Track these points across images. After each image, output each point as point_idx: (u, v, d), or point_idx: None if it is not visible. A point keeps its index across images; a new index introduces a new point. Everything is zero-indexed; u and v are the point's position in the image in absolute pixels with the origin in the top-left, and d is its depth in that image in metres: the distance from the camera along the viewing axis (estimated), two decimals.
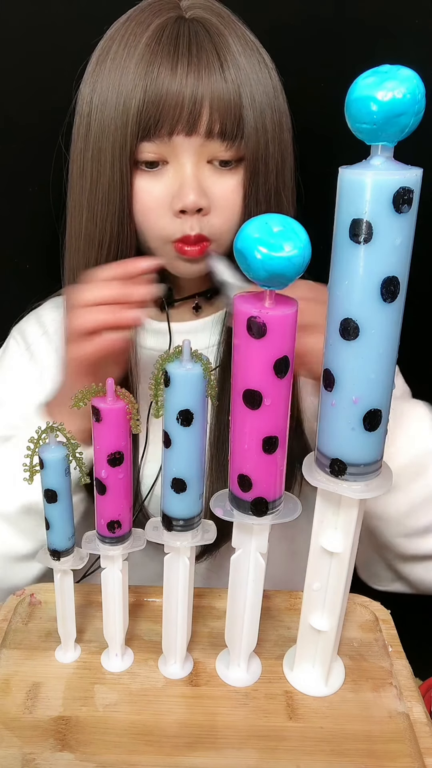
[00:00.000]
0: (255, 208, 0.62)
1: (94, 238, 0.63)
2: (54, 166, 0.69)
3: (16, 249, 0.90)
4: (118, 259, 0.63)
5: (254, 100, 0.59)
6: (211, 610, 0.58)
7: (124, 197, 0.61)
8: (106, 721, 0.48)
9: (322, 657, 0.50)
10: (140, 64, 0.57)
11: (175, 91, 0.56)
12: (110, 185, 0.60)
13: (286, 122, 0.63)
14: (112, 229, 0.62)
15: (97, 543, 0.49)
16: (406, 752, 0.46)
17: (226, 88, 0.57)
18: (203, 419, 0.43)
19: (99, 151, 0.60)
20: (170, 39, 0.58)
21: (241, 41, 0.60)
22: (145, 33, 0.58)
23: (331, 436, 0.42)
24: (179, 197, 0.59)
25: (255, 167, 0.61)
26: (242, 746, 0.46)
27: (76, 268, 0.65)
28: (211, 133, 0.58)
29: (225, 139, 0.59)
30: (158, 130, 0.58)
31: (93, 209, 0.62)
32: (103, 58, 0.60)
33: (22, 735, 0.46)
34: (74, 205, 0.64)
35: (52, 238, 0.71)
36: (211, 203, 0.60)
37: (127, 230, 0.62)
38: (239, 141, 0.59)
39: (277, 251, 0.35)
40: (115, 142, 0.59)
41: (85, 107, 0.61)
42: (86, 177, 0.62)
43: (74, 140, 0.63)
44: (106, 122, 0.59)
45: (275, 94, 0.61)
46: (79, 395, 0.45)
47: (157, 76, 0.57)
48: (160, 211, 0.61)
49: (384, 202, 0.35)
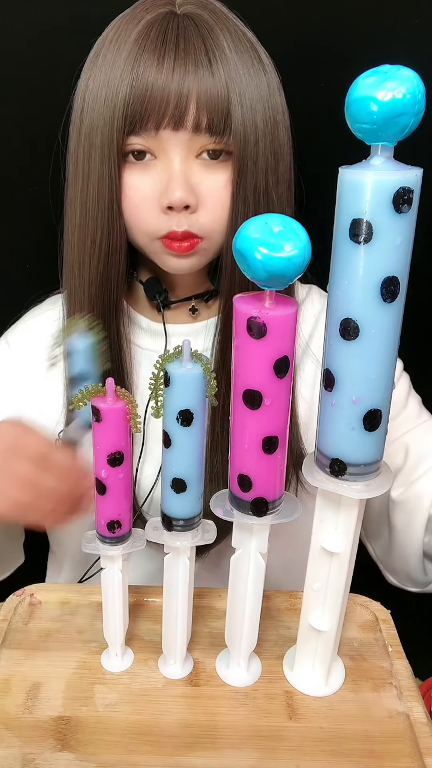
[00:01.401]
0: (242, 206, 0.61)
1: (86, 235, 0.63)
2: (53, 166, 0.69)
3: (16, 249, 0.90)
4: (110, 257, 0.63)
5: (244, 96, 0.58)
6: (211, 610, 0.58)
7: (113, 193, 0.61)
8: (106, 721, 0.48)
9: (322, 657, 0.50)
10: (128, 59, 0.57)
11: (160, 85, 0.56)
12: (100, 181, 0.60)
13: (282, 120, 0.62)
14: (103, 225, 0.62)
15: (97, 543, 0.49)
16: (406, 752, 0.46)
17: (213, 83, 0.57)
18: (203, 419, 0.43)
19: (90, 147, 0.60)
20: (158, 34, 0.57)
21: (233, 37, 0.59)
22: (135, 29, 0.58)
23: (331, 436, 0.42)
24: (166, 194, 0.59)
25: (243, 164, 0.60)
26: (242, 746, 0.46)
27: (73, 266, 0.65)
28: (199, 128, 0.58)
29: (213, 134, 0.58)
30: (144, 124, 0.58)
31: (85, 207, 0.62)
32: (96, 54, 0.61)
33: (22, 735, 0.46)
34: (70, 201, 0.64)
35: (51, 238, 0.71)
36: (199, 200, 0.60)
37: (117, 226, 0.62)
38: (227, 136, 0.59)
39: (277, 251, 0.35)
40: (104, 137, 0.59)
41: (79, 103, 0.62)
42: (79, 174, 0.62)
43: (70, 137, 0.63)
44: (96, 118, 0.59)
45: (270, 92, 0.61)
46: (79, 395, 0.45)
47: (143, 70, 0.56)
48: (149, 207, 0.61)
49: (384, 202, 0.35)
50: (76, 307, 0.66)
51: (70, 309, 0.67)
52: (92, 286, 0.64)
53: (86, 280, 0.64)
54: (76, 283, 0.65)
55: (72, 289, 0.66)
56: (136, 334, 0.71)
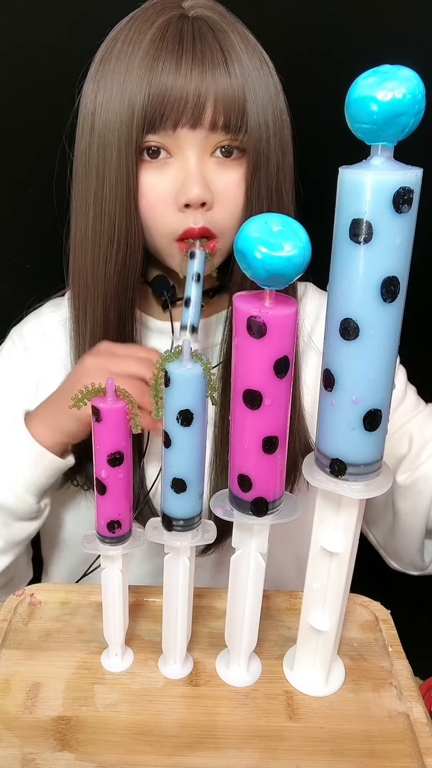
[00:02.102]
0: (257, 201, 0.63)
1: (102, 235, 0.63)
2: (56, 167, 0.69)
3: (16, 249, 0.90)
4: (128, 257, 0.63)
5: (257, 96, 0.60)
6: (211, 610, 0.58)
7: (131, 191, 0.61)
8: (106, 721, 0.48)
9: (322, 657, 0.50)
10: (145, 60, 0.58)
11: (179, 85, 0.57)
12: (117, 180, 0.61)
13: (286, 120, 0.64)
14: (120, 224, 0.62)
15: (97, 543, 0.49)
16: (406, 752, 0.46)
17: (230, 83, 0.59)
18: (203, 419, 0.43)
19: (104, 148, 0.61)
20: (174, 35, 0.59)
21: (243, 40, 0.61)
22: (149, 30, 0.59)
23: (331, 436, 0.42)
24: (183, 191, 0.60)
25: (257, 161, 0.61)
26: (242, 746, 0.46)
27: (83, 267, 0.65)
28: (215, 126, 0.59)
29: (229, 132, 0.60)
30: (163, 123, 0.59)
31: (100, 206, 0.62)
32: (107, 57, 0.61)
33: (22, 735, 0.46)
34: (79, 203, 0.64)
35: (52, 238, 0.71)
36: (215, 197, 0.61)
37: (134, 226, 0.62)
38: (243, 134, 0.60)
39: (277, 251, 0.35)
40: (121, 137, 0.60)
41: (89, 105, 0.62)
42: (92, 174, 0.62)
43: (78, 139, 0.64)
44: (111, 118, 0.60)
45: (276, 93, 0.62)
46: (79, 395, 0.45)
47: (161, 71, 0.58)
48: (166, 206, 0.61)
49: (384, 202, 0.35)
50: (88, 307, 0.66)
51: (79, 310, 0.67)
52: (108, 286, 0.64)
53: (100, 281, 0.64)
54: (89, 283, 0.65)
55: (83, 289, 0.66)
56: (144, 335, 0.72)
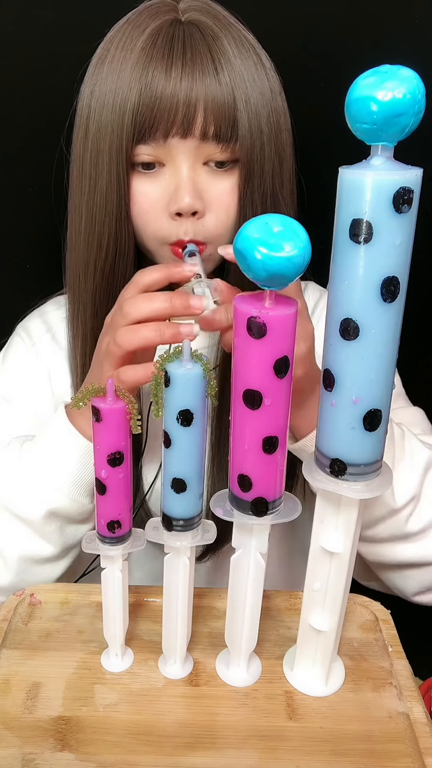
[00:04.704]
0: (250, 209, 0.62)
1: (93, 239, 0.63)
2: (55, 167, 0.69)
3: (16, 249, 0.91)
4: (117, 261, 0.64)
5: (249, 102, 0.59)
6: (211, 610, 0.58)
7: (122, 199, 0.61)
8: (106, 721, 0.48)
9: (322, 657, 0.50)
10: (136, 67, 0.58)
11: (169, 93, 0.57)
12: (108, 187, 0.61)
13: (284, 123, 0.63)
14: (110, 230, 0.62)
15: (97, 543, 0.49)
16: (406, 752, 0.46)
17: (220, 91, 0.58)
18: (203, 419, 0.43)
19: (97, 153, 0.61)
20: (165, 42, 0.58)
21: (237, 43, 0.60)
22: (141, 36, 0.59)
23: (331, 436, 0.42)
24: (175, 200, 0.60)
25: (250, 169, 0.61)
26: (242, 746, 0.46)
27: (77, 269, 0.65)
28: (206, 136, 0.59)
29: (220, 141, 0.59)
30: (153, 132, 0.59)
31: (91, 211, 0.62)
32: (101, 60, 0.61)
33: (22, 735, 0.46)
34: (74, 206, 0.65)
35: (52, 239, 0.71)
36: (207, 205, 0.61)
37: (125, 232, 0.63)
38: (234, 143, 0.60)
39: (277, 251, 0.35)
40: (112, 145, 0.59)
41: (84, 109, 0.62)
42: (85, 179, 0.62)
43: (74, 142, 0.64)
44: (103, 125, 0.60)
45: (272, 95, 0.61)
46: (79, 395, 0.45)
47: (151, 79, 0.57)
48: (157, 214, 0.62)
49: (384, 202, 0.35)
50: (81, 308, 0.66)
51: (74, 310, 0.68)
52: (98, 288, 0.65)
53: (91, 283, 0.65)
54: (81, 285, 0.65)
55: (77, 290, 0.66)
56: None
